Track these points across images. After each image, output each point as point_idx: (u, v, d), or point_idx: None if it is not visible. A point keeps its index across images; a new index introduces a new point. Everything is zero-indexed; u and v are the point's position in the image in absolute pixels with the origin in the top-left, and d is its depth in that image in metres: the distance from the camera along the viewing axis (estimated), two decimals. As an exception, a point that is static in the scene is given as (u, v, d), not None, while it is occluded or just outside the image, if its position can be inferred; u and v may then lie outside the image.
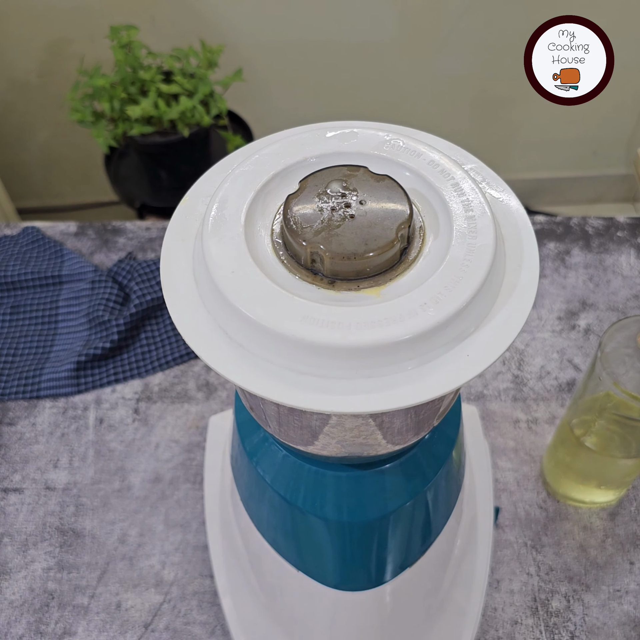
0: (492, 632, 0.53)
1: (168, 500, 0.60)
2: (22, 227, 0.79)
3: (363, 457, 0.36)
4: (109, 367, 0.68)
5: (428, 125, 0.40)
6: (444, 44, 1.32)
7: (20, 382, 0.67)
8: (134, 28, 1.09)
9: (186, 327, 0.27)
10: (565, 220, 0.79)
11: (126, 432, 0.64)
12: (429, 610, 0.49)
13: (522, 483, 0.60)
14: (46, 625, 0.54)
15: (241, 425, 0.41)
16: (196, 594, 0.56)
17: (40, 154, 1.47)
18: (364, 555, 0.41)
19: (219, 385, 0.67)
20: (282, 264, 0.28)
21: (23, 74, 1.32)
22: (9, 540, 0.59)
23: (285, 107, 1.40)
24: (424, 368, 0.26)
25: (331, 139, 0.31)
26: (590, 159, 1.57)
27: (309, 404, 0.25)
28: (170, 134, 1.16)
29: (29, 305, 0.73)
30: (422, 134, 0.33)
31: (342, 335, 0.25)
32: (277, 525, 0.42)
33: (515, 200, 0.31)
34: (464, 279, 0.26)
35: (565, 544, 0.57)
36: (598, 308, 0.72)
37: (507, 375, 0.67)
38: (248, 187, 0.29)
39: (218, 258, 0.27)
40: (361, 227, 0.27)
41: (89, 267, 0.74)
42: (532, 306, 0.28)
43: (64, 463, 0.63)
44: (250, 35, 1.28)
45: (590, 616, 0.54)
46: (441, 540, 0.44)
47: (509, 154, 1.55)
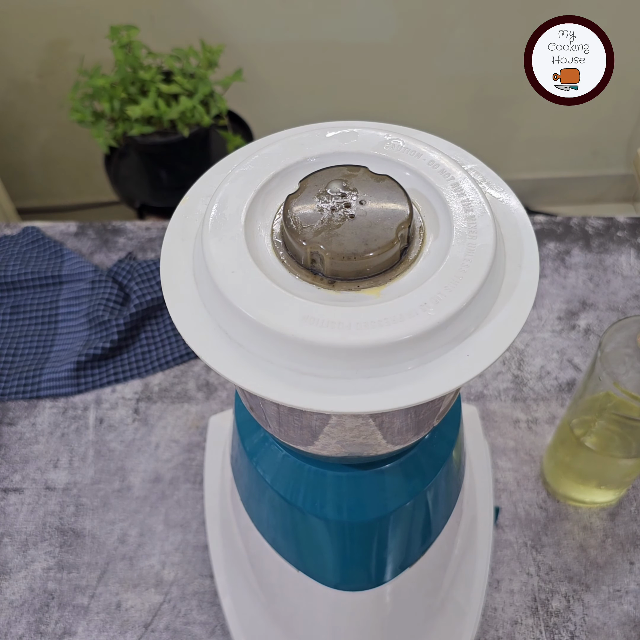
0: (492, 632, 0.53)
1: (168, 500, 0.60)
2: (22, 227, 0.79)
3: (363, 457, 0.36)
4: (109, 367, 0.68)
5: (428, 125, 0.40)
6: (444, 44, 1.32)
7: (20, 382, 0.67)
8: (134, 28, 1.09)
9: (186, 327, 0.27)
10: (565, 220, 0.79)
11: (126, 432, 0.64)
12: (429, 610, 0.49)
13: (522, 483, 0.60)
14: (46, 625, 0.54)
15: (241, 425, 0.41)
16: (196, 594, 0.56)
17: (40, 154, 1.47)
18: (364, 555, 0.41)
19: (219, 385, 0.67)
20: (282, 264, 0.28)
21: (23, 74, 1.32)
22: (9, 540, 0.59)
23: (285, 107, 1.40)
24: (424, 368, 0.26)
25: (331, 139, 0.31)
26: (590, 159, 1.57)
27: (309, 404, 0.25)
28: (170, 134, 1.16)
29: (29, 305, 0.73)
30: (422, 134, 0.33)
31: (342, 335, 0.25)
32: (277, 525, 0.42)
33: (515, 200, 0.31)
34: (464, 279, 0.26)
35: (565, 544, 0.57)
36: (598, 308, 0.72)
37: (507, 375, 0.67)
38: (248, 187, 0.29)
39: (218, 258, 0.27)
40: (361, 227, 0.27)
41: (89, 267, 0.74)
42: (532, 306, 0.28)
43: (64, 463, 0.63)
44: (250, 35, 1.28)
45: (590, 616, 0.54)
46: (441, 540, 0.44)
47: (509, 154, 1.55)
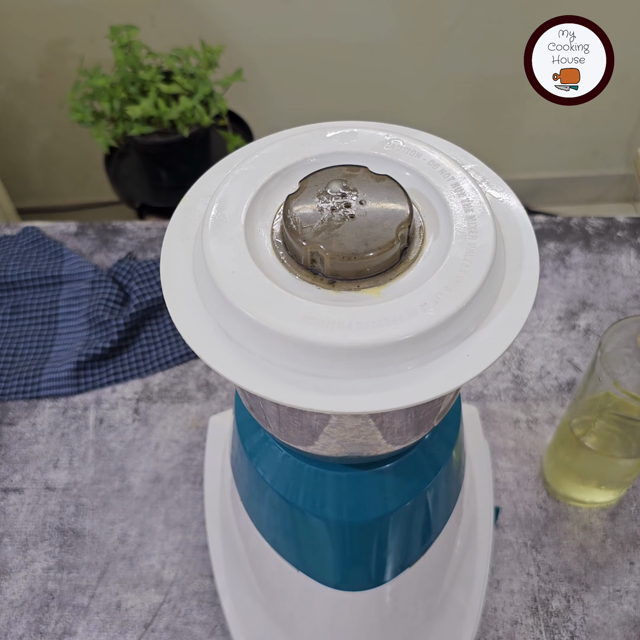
0: (492, 632, 0.53)
1: (168, 500, 0.60)
2: (22, 227, 0.79)
3: (363, 457, 0.36)
4: (109, 367, 0.68)
5: (428, 125, 0.40)
6: (444, 44, 1.32)
7: (20, 382, 0.67)
8: (134, 28, 1.09)
9: (186, 327, 0.27)
10: (565, 220, 0.79)
11: (126, 432, 0.64)
12: (429, 610, 0.49)
13: (522, 483, 0.60)
14: (46, 625, 0.54)
15: (241, 425, 0.41)
16: (196, 594, 0.56)
17: (40, 154, 1.47)
18: (364, 555, 0.40)
19: (219, 385, 0.67)
20: (282, 264, 0.28)
21: (23, 74, 1.32)
22: (9, 540, 0.59)
23: (285, 107, 1.40)
24: (424, 368, 0.26)
25: (331, 139, 0.31)
26: (590, 159, 1.57)
27: (309, 404, 0.25)
28: (170, 134, 1.16)
29: (29, 305, 0.73)
30: (422, 134, 0.33)
31: (342, 335, 0.25)
32: (277, 525, 0.42)
33: (515, 200, 0.31)
34: (464, 279, 0.26)
35: (565, 544, 0.57)
36: (598, 308, 0.72)
37: (507, 375, 0.67)
38: (248, 187, 0.29)
39: (218, 258, 0.27)
40: (361, 227, 0.27)
41: (89, 267, 0.74)
42: (532, 306, 0.28)
43: (64, 463, 0.63)
44: (250, 35, 1.28)
45: (590, 616, 0.54)
46: (441, 540, 0.44)
47: (509, 154, 1.55)
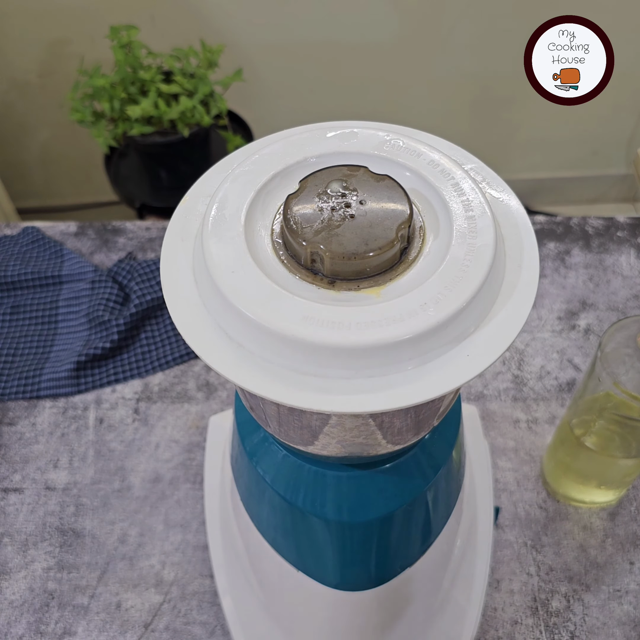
0: (492, 632, 0.53)
1: (168, 500, 0.60)
2: (22, 227, 0.79)
3: (363, 457, 0.36)
4: (109, 367, 0.68)
5: (428, 125, 0.40)
6: (444, 44, 1.32)
7: (20, 382, 0.67)
8: (134, 28, 1.09)
9: (186, 327, 0.27)
10: (565, 220, 0.79)
11: (126, 432, 0.64)
12: (429, 610, 0.49)
13: (522, 483, 0.60)
14: (46, 625, 0.54)
15: (241, 425, 0.41)
16: (196, 594, 0.56)
17: (40, 154, 1.47)
18: (364, 555, 0.40)
19: (219, 385, 0.67)
20: (282, 264, 0.28)
21: (23, 74, 1.32)
22: (9, 540, 0.59)
23: (285, 107, 1.40)
24: (424, 368, 0.26)
25: (331, 139, 0.31)
26: (590, 159, 1.57)
27: (309, 404, 0.25)
28: (170, 134, 1.16)
29: (29, 305, 0.73)
30: (422, 134, 0.33)
31: (342, 335, 0.25)
32: (277, 525, 0.42)
33: (515, 200, 0.31)
34: (464, 279, 0.26)
35: (565, 544, 0.57)
36: (598, 308, 0.72)
37: (507, 375, 0.67)
38: (248, 187, 0.29)
39: (218, 258, 0.27)
40: (361, 227, 0.27)
41: (89, 267, 0.74)
42: (532, 306, 0.28)
43: (64, 463, 0.63)
44: (250, 35, 1.28)
45: (590, 616, 0.54)
46: (441, 540, 0.44)
47: (509, 154, 1.55)
